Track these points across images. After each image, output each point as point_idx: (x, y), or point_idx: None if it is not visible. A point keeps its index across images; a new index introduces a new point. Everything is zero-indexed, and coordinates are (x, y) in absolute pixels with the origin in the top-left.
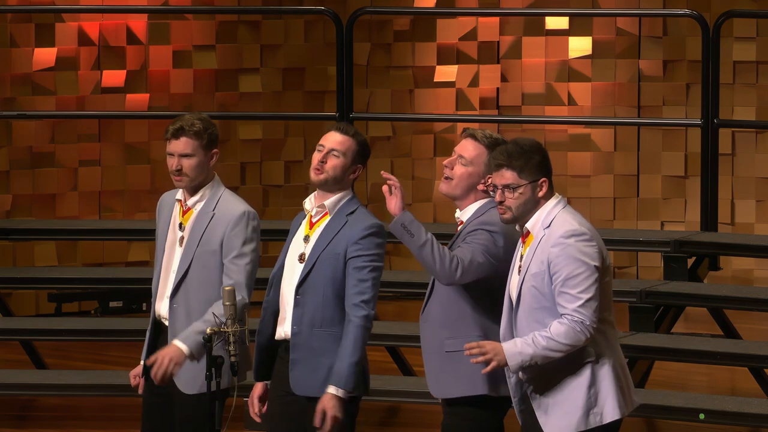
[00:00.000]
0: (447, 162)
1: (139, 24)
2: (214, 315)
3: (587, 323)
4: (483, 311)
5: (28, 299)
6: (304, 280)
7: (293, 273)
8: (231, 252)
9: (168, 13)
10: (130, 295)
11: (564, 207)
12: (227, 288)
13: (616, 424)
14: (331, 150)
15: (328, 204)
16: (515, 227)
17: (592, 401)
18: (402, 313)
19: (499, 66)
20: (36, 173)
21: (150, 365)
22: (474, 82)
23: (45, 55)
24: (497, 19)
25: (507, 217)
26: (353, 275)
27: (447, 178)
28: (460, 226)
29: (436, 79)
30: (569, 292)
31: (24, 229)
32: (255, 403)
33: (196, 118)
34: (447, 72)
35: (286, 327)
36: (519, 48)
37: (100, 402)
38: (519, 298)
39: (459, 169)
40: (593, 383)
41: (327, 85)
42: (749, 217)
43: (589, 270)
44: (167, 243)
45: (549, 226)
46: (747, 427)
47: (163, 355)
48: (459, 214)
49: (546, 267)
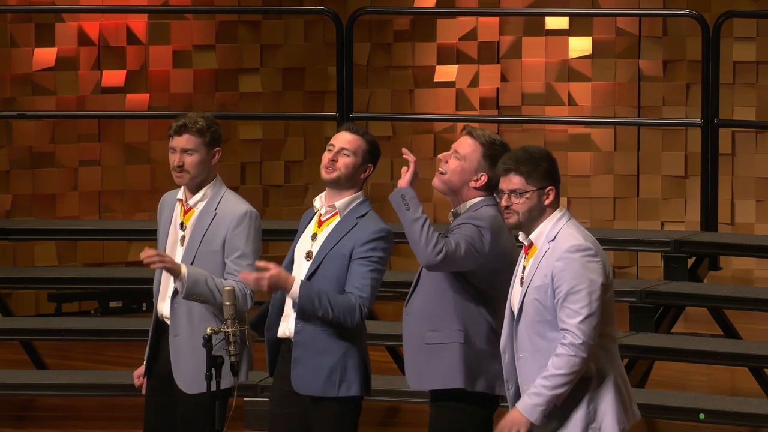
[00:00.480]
0: (442, 156)
1: (139, 24)
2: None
3: (583, 339)
4: (465, 306)
5: (28, 299)
6: (310, 278)
7: (300, 270)
8: (233, 252)
9: (168, 13)
10: (130, 295)
11: (569, 220)
12: (227, 288)
13: None
14: (342, 149)
15: (339, 205)
16: (507, 232)
17: (591, 416)
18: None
19: (499, 66)
20: (36, 173)
21: (156, 370)
22: (474, 82)
23: (45, 55)
24: (497, 19)
25: (512, 222)
26: (354, 272)
27: (441, 172)
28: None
29: (436, 79)
30: (570, 307)
31: (24, 229)
32: None
33: (199, 116)
34: (447, 72)
35: (289, 324)
36: (519, 48)
37: (100, 402)
38: (521, 310)
39: (453, 163)
40: (593, 399)
41: (327, 85)
42: (749, 217)
43: (592, 286)
44: (168, 242)
45: (554, 239)
46: (747, 427)
47: (169, 257)
48: (455, 209)
49: (549, 280)
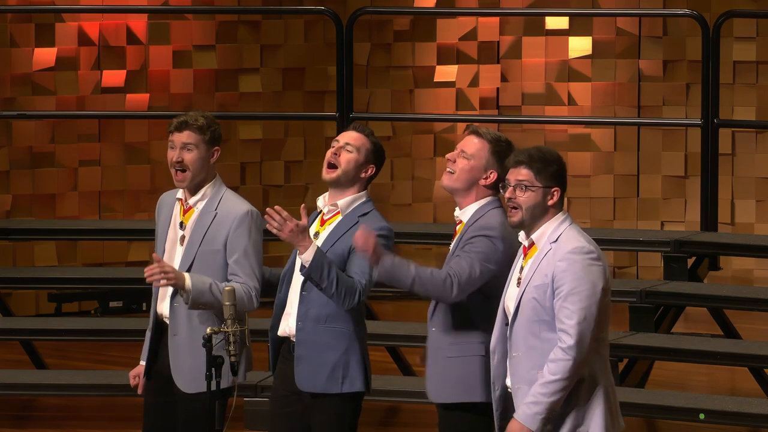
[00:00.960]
0: (450, 156)
1: (139, 24)
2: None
3: (580, 339)
4: (484, 318)
5: (28, 299)
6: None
7: (299, 268)
8: (235, 252)
9: (168, 13)
10: (130, 295)
11: (571, 224)
12: (227, 288)
13: None
14: (346, 144)
15: (341, 204)
16: (517, 234)
17: (579, 419)
18: (402, 313)
19: (499, 66)
20: (36, 173)
21: (156, 370)
22: (474, 82)
23: (45, 55)
24: (497, 19)
25: (515, 220)
26: (355, 261)
27: (450, 172)
28: (458, 225)
29: (436, 79)
30: (570, 307)
31: (24, 229)
32: None
33: (200, 114)
34: (447, 72)
35: (290, 323)
36: (519, 48)
37: (100, 402)
38: (517, 309)
39: (461, 162)
40: (582, 402)
41: (327, 85)
42: (749, 217)
43: (593, 288)
44: (168, 242)
45: (556, 240)
46: (747, 427)
47: (171, 267)
48: (458, 213)
49: (550, 280)
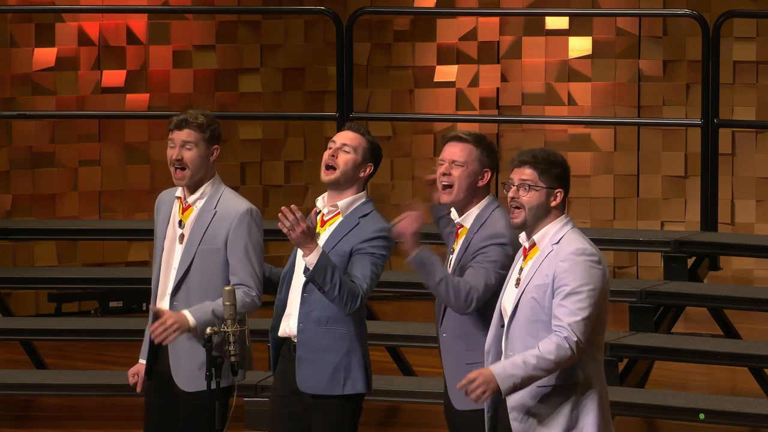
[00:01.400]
0: (442, 171)
1: (139, 24)
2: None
3: (575, 339)
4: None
5: (28, 299)
6: None
7: (302, 269)
8: (236, 251)
9: (168, 13)
10: (130, 295)
11: (573, 228)
12: (227, 288)
13: None
14: (343, 145)
15: (341, 204)
16: (519, 237)
17: (572, 422)
18: (402, 313)
19: (499, 66)
20: (36, 173)
21: (156, 370)
22: (474, 82)
23: (45, 55)
24: (497, 19)
25: (518, 221)
26: (355, 263)
27: (447, 186)
28: (459, 229)
29: (436, 79)
30: (569, 306)
31: (24, 229)
32: None
33: (200, 113)
34: (447, 72)
35: (291, 323)
36: (519, 48)
37: (100, 402)
38: (515, 310)
39: (457, 172)
40: (576, 405)
41: (327, 85)
42: (749, 217)
43: (593, 291)
44: (167, 240)
45: (558, 242)
46: (747, 427)
47: (170, 316)
48: (460, 219)
49: (551, 281)
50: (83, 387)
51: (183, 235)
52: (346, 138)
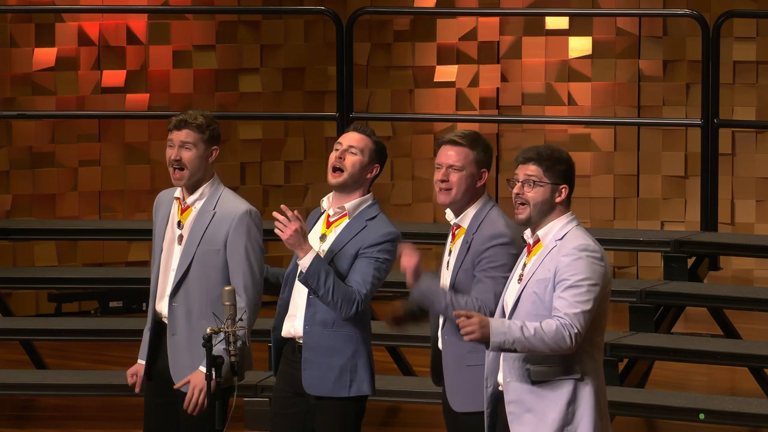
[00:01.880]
0: (440, 178)
1: (139, 24)
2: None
3: (575, 331)
4: None
5: (28, 299)
6: None
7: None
8: (236, 252)
9: (168, 13)
10: (130, 295)
11: (577, 225)
12: (227, 288)
13: None
14: (350, 146)
15: (348, 207)
16: (520, 230)
17: (568, 418)
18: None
19: (499, 66)
20: (36, 173)
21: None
22: (474, 82)
23: (45, 55)
24: (497, 19)
25: (523, 217)
26: (357, 267)
27: (447, 189)
28: (456, 230)
29: (436, 79)
30: (569, 299)
31: (24, 229)
32: None
33: (200, 113)
34: (447, 72)
35: (296, 325)
36: (519, 48)
37: (100, 402)
38: (516, 304)
39: (455, 176)
40: (573, 400)
41: (327, 85)
42: (749, 217)
43: (593, 285)
44: (165, 241)
45: (562, 238)
46: (747, 427)
47: (192, 388)
48: (456, 219)
49: (552, 275)
50: (83, 387)
51: (182, 236)
52: (352, 139)
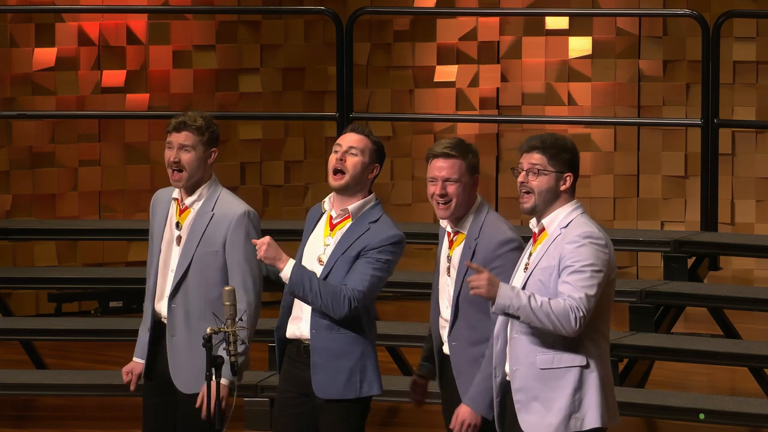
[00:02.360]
0: (438, 192)
1: (139, 24)
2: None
3: (581, 314)
4: None
5: (28, 299)
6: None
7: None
8: (235, 254)
9: (168, 13)
10: (130, 295)
11: (583, 213)
12: (227, 288)
13: None
14: (350, 148)
15: (352, 209)
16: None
17: (575, 405)
18: (402, 313)
19: (499, 66)
20: (36, 173)
21: (155, 371)
22: (474, 82)
23: (45, 55)
24: (497, 19)
25: (528, 205)
26: (356, 268)
27: (445, 203)
28: (455, 236)
29: (436, 79)
30: (572, 283)
31: (24, 229)
32: None
33: (199, 115)
34: (447, 72)
35: (302, 327)
36: (519, 48)
37: (100, 402)
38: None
39: (452, 189)
40: (579, 388)
41: (327, 85)
42: (749, 217)
43: (597, 271)
44: (164, 242)
45: (566, 226)
46: (747, 427)
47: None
48: (456, 227)
49: (557, 263)
50: (83, 387)
51: (180, 237)
52: (351, 140)
